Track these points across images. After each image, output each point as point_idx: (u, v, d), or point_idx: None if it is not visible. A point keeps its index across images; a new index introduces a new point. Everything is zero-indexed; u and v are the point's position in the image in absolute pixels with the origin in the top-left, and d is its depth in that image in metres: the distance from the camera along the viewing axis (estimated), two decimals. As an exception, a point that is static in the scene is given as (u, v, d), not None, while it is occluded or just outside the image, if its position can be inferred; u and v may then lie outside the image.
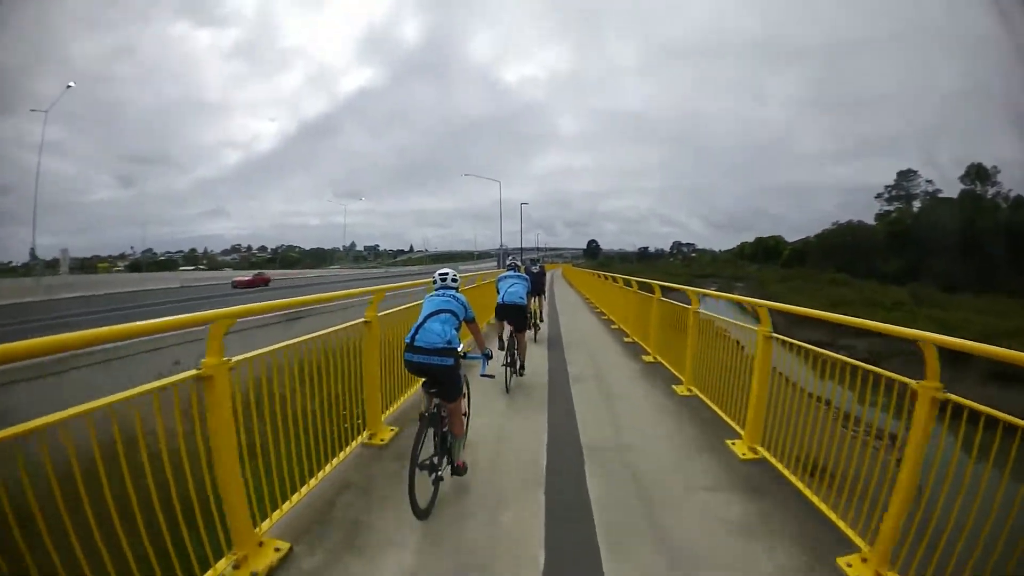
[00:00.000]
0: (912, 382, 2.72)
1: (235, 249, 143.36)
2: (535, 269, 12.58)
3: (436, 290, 4.22)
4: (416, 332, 3.67)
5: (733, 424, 4.96)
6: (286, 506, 3.30)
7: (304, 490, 3.50)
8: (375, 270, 77.74)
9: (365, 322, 4.50)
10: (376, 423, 4.66)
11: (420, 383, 5.76)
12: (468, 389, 4.36)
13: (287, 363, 3.36)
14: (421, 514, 3.32)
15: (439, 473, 3.60)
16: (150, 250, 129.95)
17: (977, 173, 57.59)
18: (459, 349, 3.73)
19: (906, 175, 71.87)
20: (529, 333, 8.97)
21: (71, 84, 41.89)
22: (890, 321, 3.10)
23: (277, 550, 2.98)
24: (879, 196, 73.86)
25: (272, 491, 3.19)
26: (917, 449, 2.65)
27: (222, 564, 2.76)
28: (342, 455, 4.12)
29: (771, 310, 4.41)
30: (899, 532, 2.71)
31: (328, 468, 3.86)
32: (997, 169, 55.96)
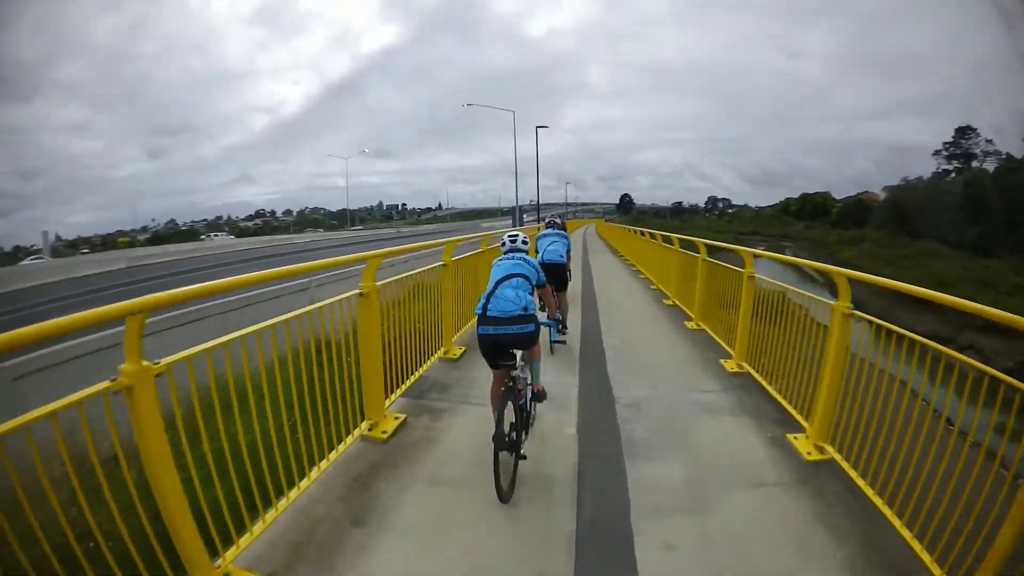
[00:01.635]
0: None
1: (259, 214, 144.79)
2: (558, 221, 12.61)
3: (505, 253, 4.06)
4: (487, 301, 3.48)
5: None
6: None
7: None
8: (386, 230, 76.14)
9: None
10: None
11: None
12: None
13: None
14: (504, 496, 3.21)
15: (521, 451, 3.52)
16: (172, 221, 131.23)
17: None
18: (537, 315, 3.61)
19: (964, 132, 68.02)
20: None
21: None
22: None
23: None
24: (937, 153, 70.06)
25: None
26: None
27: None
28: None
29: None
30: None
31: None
32: None
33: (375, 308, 3.99)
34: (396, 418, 4.27)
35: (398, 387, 4.79)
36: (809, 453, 3.78)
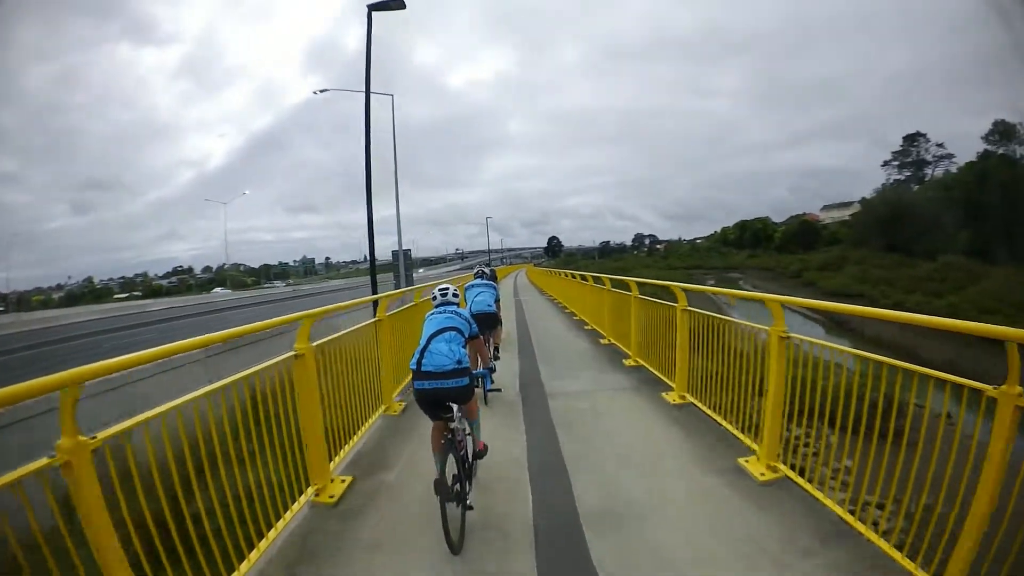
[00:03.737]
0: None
1: (176, 271, 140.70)
2: (487, 271, 12.94)
3: (436, 307, 4.24)
4: (421, 356, 3.64)
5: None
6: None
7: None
8: (281, 289, 75.62)
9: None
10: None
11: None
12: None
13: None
14: (455, 548, 3.34)
15: (468, 501, 3.62)
16: (89, 279, 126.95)
17: (1003, 132, 52.00)
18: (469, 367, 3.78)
19: (912, 139, 70.76)
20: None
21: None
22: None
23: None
24: (887, 164, 72.65)
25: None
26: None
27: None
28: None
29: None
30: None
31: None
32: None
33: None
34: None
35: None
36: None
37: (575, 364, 8.79)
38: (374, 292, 14.89)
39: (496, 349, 8.19)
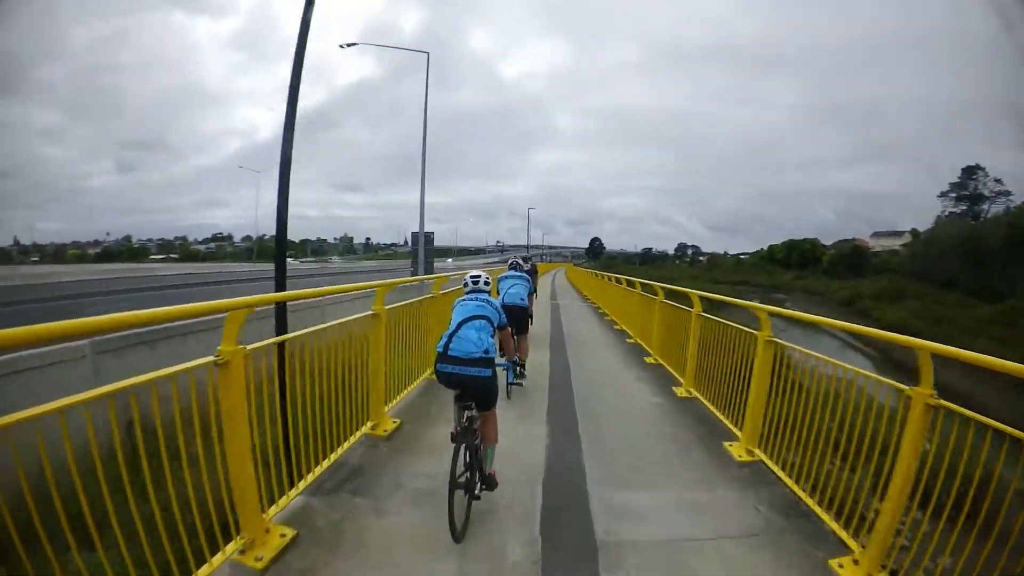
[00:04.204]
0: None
1: (215, 238, 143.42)
2: (527, 267, 12.82)
3: (467, 294, 4.30)
4: (449, 341, 3.71)
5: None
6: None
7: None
8: (309, 266, 73.92)
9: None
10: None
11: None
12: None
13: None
14: (458, 536, 3.43)
15: (475, 491, 3.71)
16: (128, 237, 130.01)
17: None
18: (496, 359, 3.86)
19: (971, 172, 67.47)
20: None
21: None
22: None
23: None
24: (944, 195, 69.08)
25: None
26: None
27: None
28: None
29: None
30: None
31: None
32: None
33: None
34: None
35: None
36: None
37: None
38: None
39: (522, 365, 7.61)
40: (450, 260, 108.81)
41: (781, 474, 4.48)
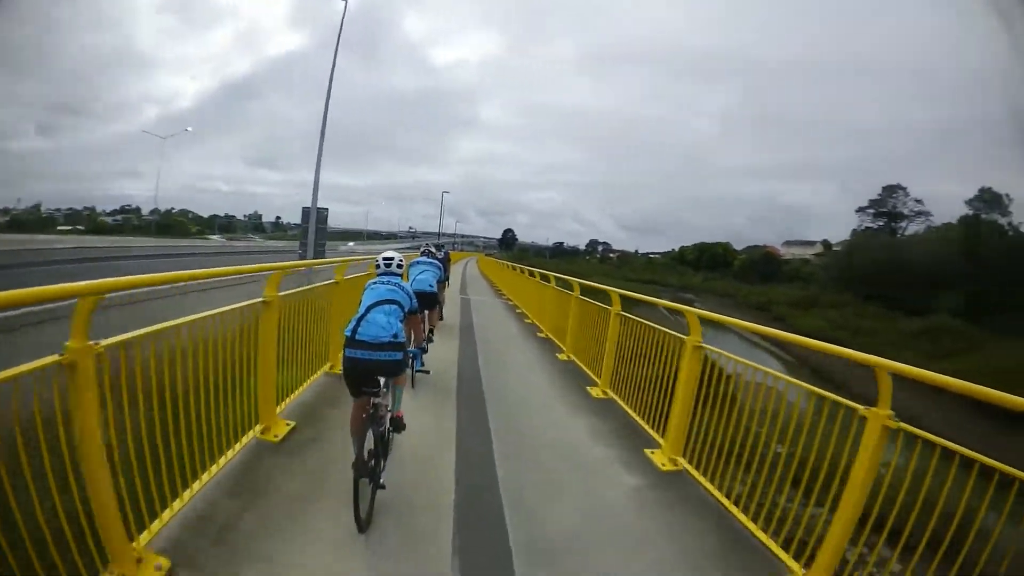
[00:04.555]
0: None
1: (123, 210, 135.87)
2: (440, 255, 13.64)
3: (379, 275, 4.23)
4: (358, 325, 3.63)
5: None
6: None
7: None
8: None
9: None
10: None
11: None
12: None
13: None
14: (363, 525, 3.40)
15: (380, 480, 3.68)
16: (37, 205, 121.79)
17: (988, 199, 50.79)
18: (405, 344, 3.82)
19: (892, 190, 69.25)
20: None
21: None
22: None
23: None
24: (862, 210, 70.81)
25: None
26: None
27: None
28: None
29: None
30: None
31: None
32: (1010, 198, 49.64)
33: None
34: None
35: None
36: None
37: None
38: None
39: (431, 331, 8.35)
40: (351, 244, 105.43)
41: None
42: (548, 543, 3.56)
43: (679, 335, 5.10)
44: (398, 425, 4.22)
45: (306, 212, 17.30)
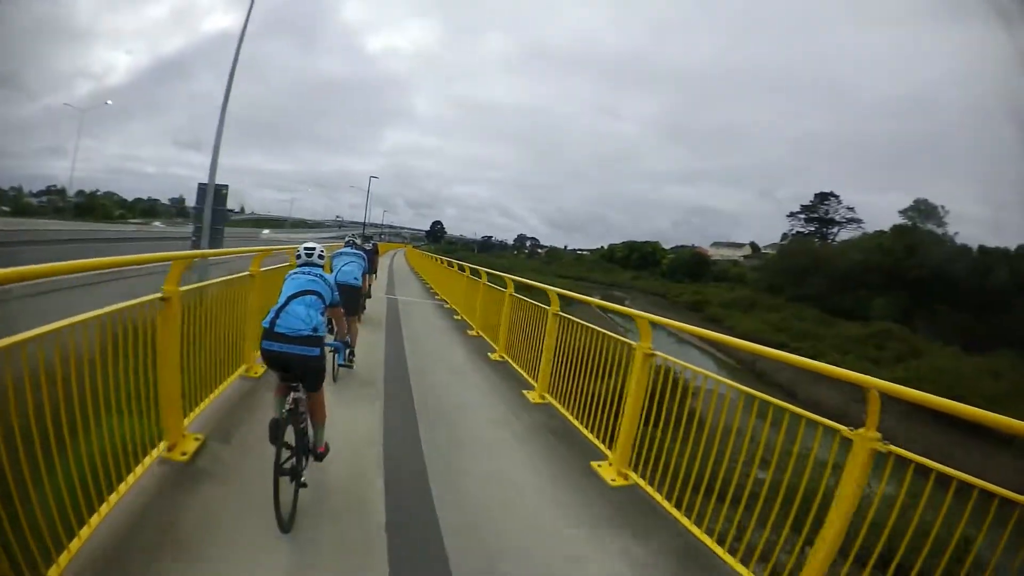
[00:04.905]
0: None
1: (48, 191, 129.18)
2: (368, 247, 13.47)
3: (300, 266, 4.10)
4: (276, 316, 3.55)
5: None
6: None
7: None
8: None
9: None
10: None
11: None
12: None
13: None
14: (285, 526, 3.30)
15: (302, 478, 3.58)
16: None
17: (923, 210, 52.29)
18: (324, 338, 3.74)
19: (824, 197, 71.69)
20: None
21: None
22: None
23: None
24: (793, 215, 73.37)
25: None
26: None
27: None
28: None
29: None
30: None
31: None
32: (945, 209, 51.66)
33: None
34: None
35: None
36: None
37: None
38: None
39: (351, 352, 7.04)
40: (267, 231, 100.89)
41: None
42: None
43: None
44: (320, 457, 3.99)
45: (202, 190, 14.41)
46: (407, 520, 3.66)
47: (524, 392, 6.88)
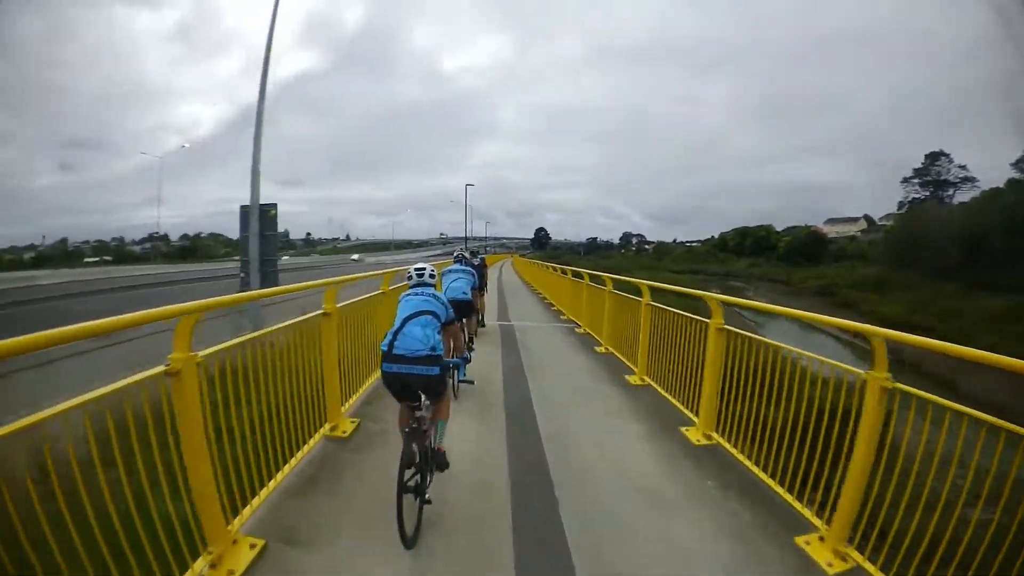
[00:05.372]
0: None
1: (151, 238, 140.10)
2: (476, 261, 13.00)
3: (412, 287, 4.25)
4: (394, 339, 3.65)
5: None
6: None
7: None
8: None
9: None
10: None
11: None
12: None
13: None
14: (409, 542, 3.36)
15: (426, 495, 3.67)
16: (63, 240, 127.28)
17: None
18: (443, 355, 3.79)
19: (935, 158, 67.84)
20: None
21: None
22: None
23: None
24: (907, 180, 69.61)
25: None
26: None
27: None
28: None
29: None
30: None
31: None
32: None
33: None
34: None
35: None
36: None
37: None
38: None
39: (471, 341, 8.34)
40: (356, 256, 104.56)
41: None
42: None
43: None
44: (440, 461, 4.03)
45: (244, 215, 11.85)
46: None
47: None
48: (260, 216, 11.77)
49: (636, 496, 4.22)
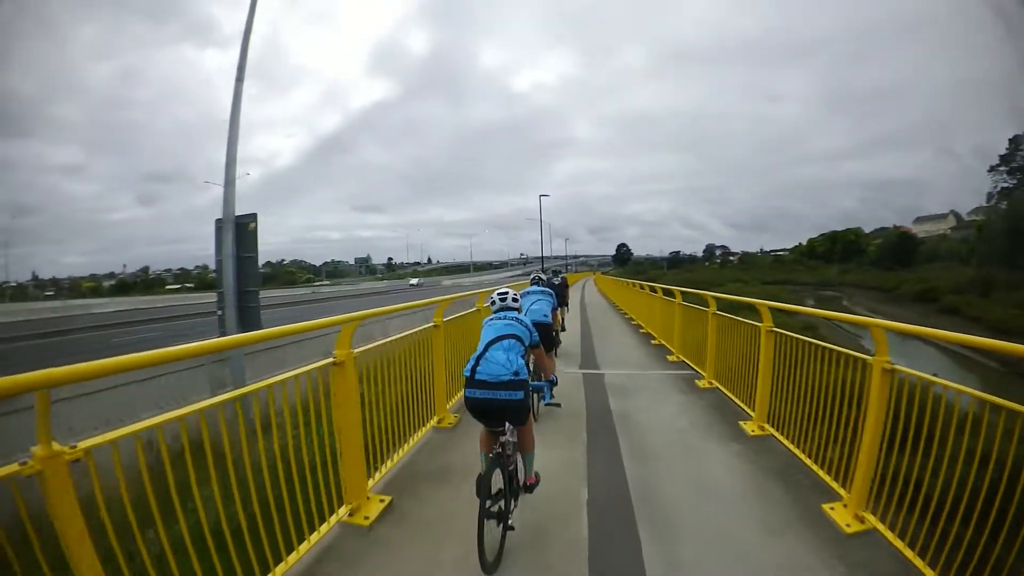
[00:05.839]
0: (866, 356, 4.13)
1: None
2: (557, 280, 13.78)
3: (495, 312, 4.30)
4: (477, 363, 3.66)
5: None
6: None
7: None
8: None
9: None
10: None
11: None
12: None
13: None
14: (489, 568, 3.31)
15: (509, 521, 3.66)
16: (145, 268, 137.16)
17: None
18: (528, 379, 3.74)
19: (1019, 142, 63.41)
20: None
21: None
22: None
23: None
24: (993, 169, 64.37)
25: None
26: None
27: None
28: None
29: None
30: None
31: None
32: None
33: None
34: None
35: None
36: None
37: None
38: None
39: (554, 350, 8.60)
40: (414, 280, 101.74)
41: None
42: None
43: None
44: (530, 488, 4.13)
45: (219, 226, 9.35)
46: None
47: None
48: (236, 231, 9.22)
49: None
